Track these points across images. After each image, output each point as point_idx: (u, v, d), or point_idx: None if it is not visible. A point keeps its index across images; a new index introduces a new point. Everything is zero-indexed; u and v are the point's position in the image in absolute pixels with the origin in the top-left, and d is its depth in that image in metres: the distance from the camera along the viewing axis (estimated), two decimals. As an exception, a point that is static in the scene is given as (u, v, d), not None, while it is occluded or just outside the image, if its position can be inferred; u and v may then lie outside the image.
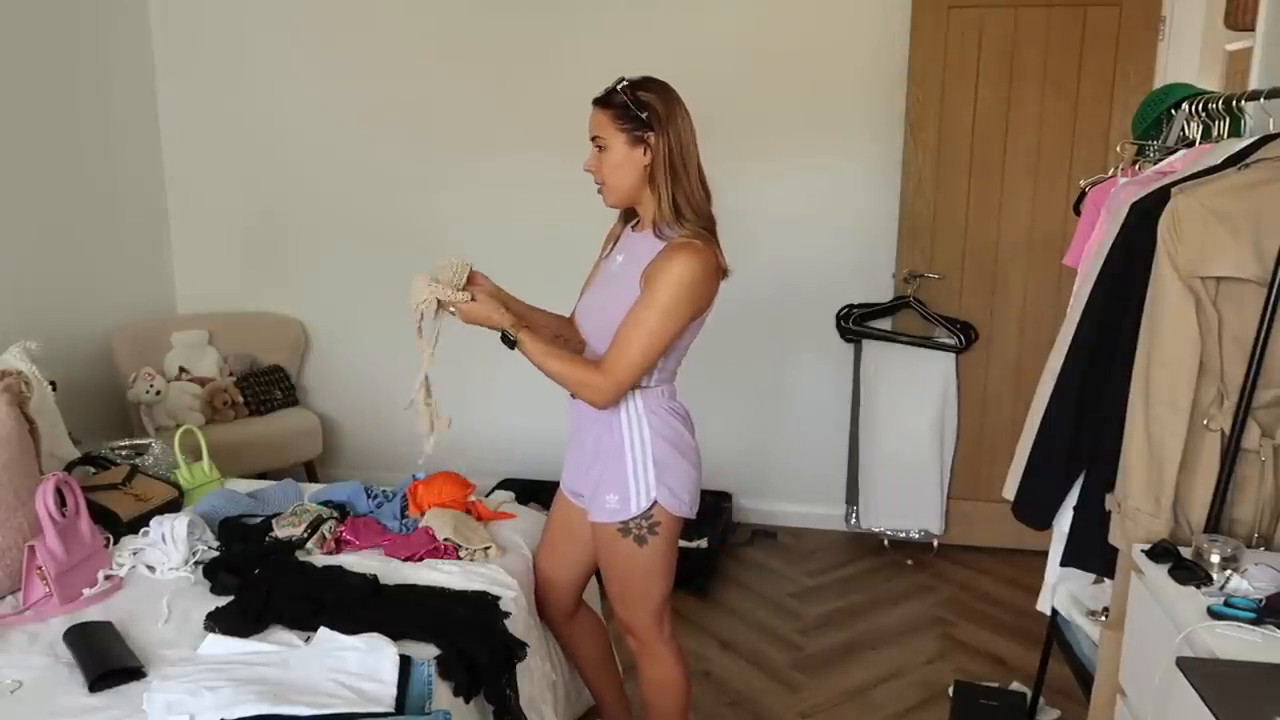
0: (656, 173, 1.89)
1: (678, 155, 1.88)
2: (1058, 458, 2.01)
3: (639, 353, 1.86)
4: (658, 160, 1.88)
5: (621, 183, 1.92)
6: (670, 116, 1.88)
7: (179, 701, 1.60)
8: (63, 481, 2.16)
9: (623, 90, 1.89)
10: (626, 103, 1.87)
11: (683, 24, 3.74)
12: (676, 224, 1.89)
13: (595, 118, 1.92)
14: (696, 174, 1.92)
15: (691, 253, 1.85)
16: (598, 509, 2.00)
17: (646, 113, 1.87)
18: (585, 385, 1.90)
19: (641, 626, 2.09)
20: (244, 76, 4.16)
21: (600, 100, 1.92)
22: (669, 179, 1.88)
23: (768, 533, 3.99)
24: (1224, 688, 1.24)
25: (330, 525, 2.38)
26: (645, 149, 1.89)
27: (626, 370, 1.87)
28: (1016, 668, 2.97)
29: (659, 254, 1.88)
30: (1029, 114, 3.50)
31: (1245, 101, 1.92)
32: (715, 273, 1.90)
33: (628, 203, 1.98)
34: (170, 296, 4.37)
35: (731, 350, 3.80)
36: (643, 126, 1.87)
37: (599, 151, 1.92)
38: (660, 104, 1.88)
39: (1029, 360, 3.57)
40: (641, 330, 1.86)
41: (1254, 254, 1.62)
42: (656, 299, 1.85)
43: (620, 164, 1.90)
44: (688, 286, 1.85)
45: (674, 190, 1.88)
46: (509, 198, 4.03)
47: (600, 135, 1.91)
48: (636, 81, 1.91)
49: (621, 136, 1.89)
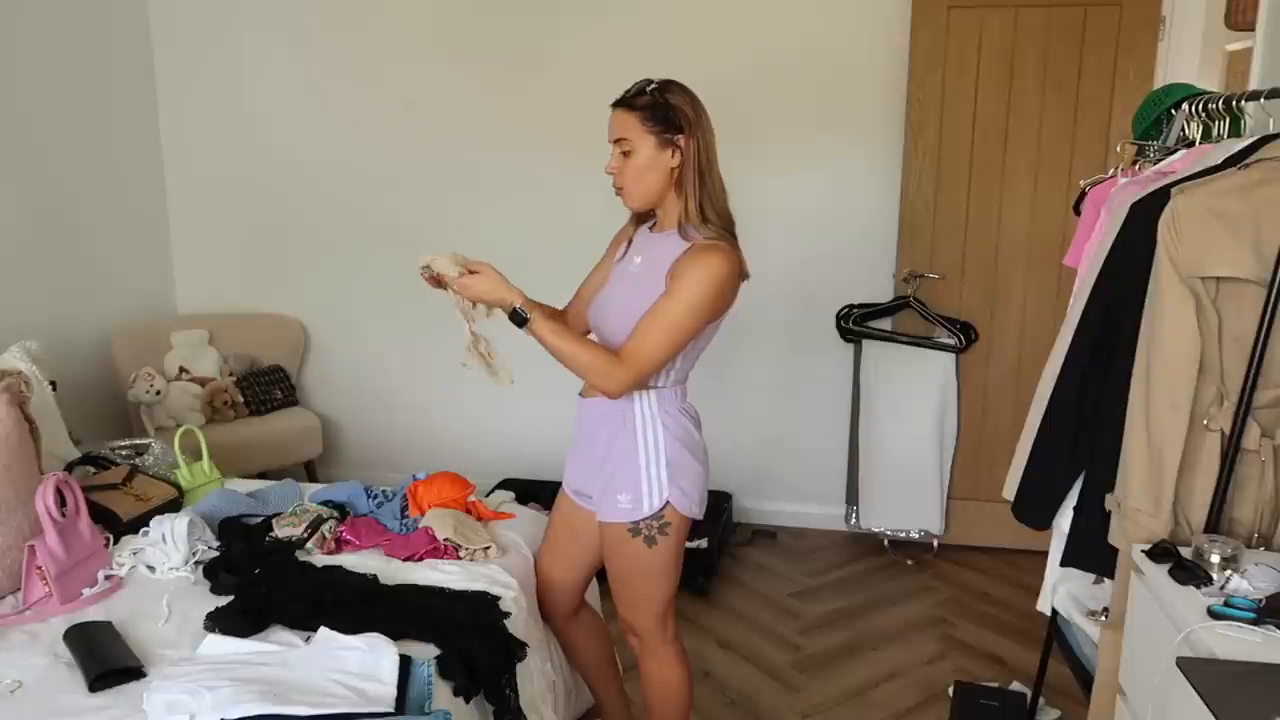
0: (685, 175, 1.88)
1: (705, 158, 1.88)
2: (1058, 458, 2.00)
3: (660, 345, 1.85)
4: (687, 163, 1.87)
5: (648, 186, 1.91)
6: (699, 119, 1.88)
7: (179, 701, 1.60)
8: (63, 481, 2.16)
9: (652, 92, 1.87)
10: (656, 104, 1.86)
11: (683, 24, 3.74)
12: (702, 226, 1.89)
13: (620, 120, 1.89)
14: (719, 176, 1.92)
15: (720, 254, 1.85)
16: (608, 508, 2.00)
17: (677, 115, 1.86)
18: (601, 372, 1.87)
19: (645, 627, 2.09)
20: (244, 77, 4.16)
21: (625, 103, 1.89)
22: (697, 182, 1.87)
23: (768, 533, 3.99)
24: (1224, 688, 1.24)
25: (330, 525, 2.38)
26: (674, 151, 1.87)
27: (647, 362, 1.86)
28: (1016, 668, 2.97)
29: (686, 253, 1.87)
30: (1029, 114, 3.50)
31: (1245, 101, 1.92)
32: (739, 276, 1.90)
33: (651, 205, 1.95)
34: (170, 296, 4.37)
35: (732, 350, 3.80)
36: (673, 129, 1.86)
37: (623, 155, 1.90)
38: (689, 106, 1.88)
39: (1029, 360, 3.57)
40: (665, 323, 1.85)
41: (1254, 254, 1.62)
42: (683, 294, 1.84)
43: (648, 167, 1.88)
44: (715, 286, 1.84)
45: (700, 193, 1.88)
46: (509, 197, 4.03)
47: (626, 138, 1.88)
48: (662, 84, 1.90)
49: (651, 139, 1.87)
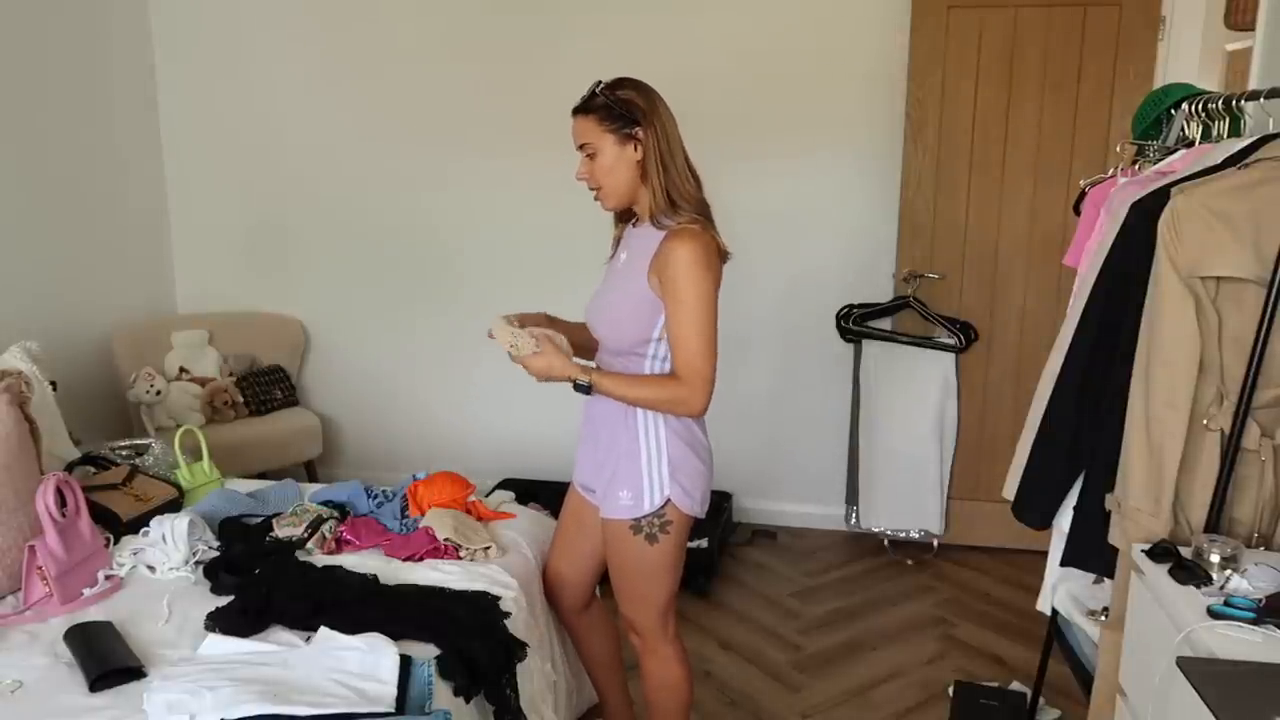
0: (649, 166, 1.91)
1: (665, 146, 1.91)
2: (1058, 458, 2.01)
3: (701, 348, 1.88)
4: (649, 153, 1.90)
5: (618, 184, 1.94)
6: (653, 109, 1.91)
7: (179, 701, 1.60)
8: (63, 481, 2.16)
9: (602, 92, 1.91)
10: (609, 104, 1.89)
11: (683, 24, 3.74)
12: (673, 213, 1.91)
13: (579, 125, 1.93)
14: (684, 162, 1.94)
15: (689, 237, 1.87)
16: (610, 505, 2.01)
17: (631, 109, 1.89)
18: (674, 401, 1.91)
19: (646, 625, 2.10)
20: (244, 77, 4.16)
21: (580, 108, 1.93)
22: (661, 170, 1.90)
23: (768, 533, 3.99)
24: (1224, 688, 1.24)
25: (330, 525, 2.38)
26: (635, 144, 1.91)
27: (702, 366, 1.88)
28: (1016, 668, 2.97)
29: (661, 246, 1.89)
30: (1029, 114, 3.50)
31: (1245, 101, 1.92)
32: (716, 252, 1.92)
33: (626, 202, 1.99)
34: (170, 296, 4.37)
35: (732, 350, 3.79)
36: (630, 123, 1.89)
37: (589, 159, 1.94)
38: (641, 98, 1.91)
39: (1029, 360, 3.57)
40: (691, 325, 1.87)
41: (1254, 254, 1.62)
42: (684, 292, 1.86)
43: (614, 165, 1.92)
44: (702, 269, 1.86)
45: (665, 180, 1.91)
46: (509, 197, 4.03)
47: (588, 142, 1.92)
48: (612, 82, 1.93)
49: (610, 138, 1.90)
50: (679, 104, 1.98)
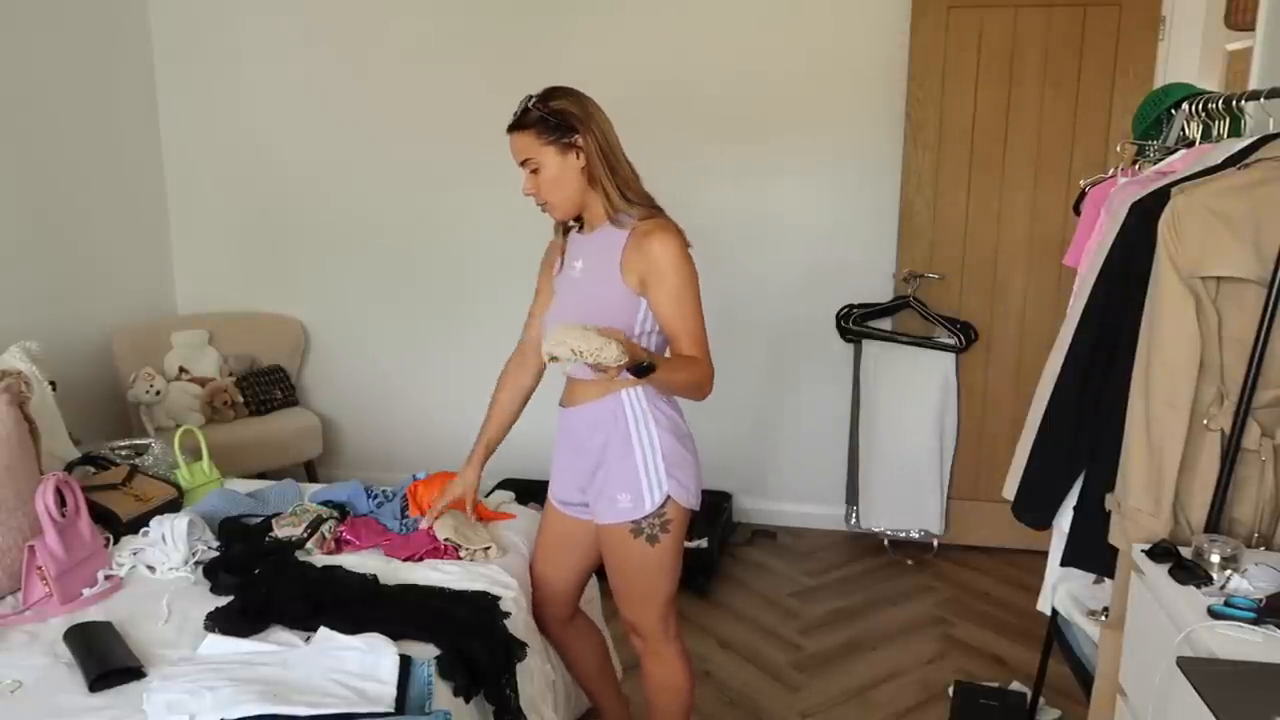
0: (595, 171, 1.92)
1: (607, 146, 1.92)
2: (1058, 458, 2.00)
3: (701, 326, 1.91)
4: (592, 158, 1.91)
5: (566, 194, 1.95)
6: (588, 114, 1.92)
7: (179, 701, 1.60)
8: (63, 481, 2.16)
9: (535, 106, 1.92)
10: (544, 117, 1.91)
11: (683, 25, 3.73)
12: (630, 208, 1.93)
13: (517, 142, 1.95)
14: (626, 161, 1.96)
15: (662, 229, 1.90)
16: (607, 510, 1.99)
17: (567, 118, 1.90)
18: (704, 380, 1.91)
19: (648, 626, 2.09)
20: (244, 77, 4.16)
21: (516, 125, 1.95)
22: (608, 172, 1.92)
23: (768, 533, 3.99)
24: (1224, 688, 1.24)
25: (330, 525, 2.38)
26: (576, 152, 1.92)
27: (706, 344, 1.92)
28: (1016, 668, 2.97)
29: (631, 241, 1.90)
30: (1029, 114, 3.50)
31: (1245, 101, 1.92)
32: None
33: (576, 211, 2.00)
34: (170, 296, 4.37)
35: (732, 349, 3.80)
36: (568, 132, 1.90)
37: (533, 174, 1.95)
38: (574, 105, 1.92)
39: (1029, 360, 3.57)
40: (690, 311, 1.90)
41: (1254, 254, 1.62)
42: (674, 279, 1.88)
43: (558, 176, 1.93)
44: (683, 254, 1.90)
45: (615, 180, 1.93)
46: (509, 197, 4.01)
47: (530, 157, 1.94)
48: (543, 94, 1.94)
49: (551, 150, 1.92)
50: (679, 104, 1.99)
